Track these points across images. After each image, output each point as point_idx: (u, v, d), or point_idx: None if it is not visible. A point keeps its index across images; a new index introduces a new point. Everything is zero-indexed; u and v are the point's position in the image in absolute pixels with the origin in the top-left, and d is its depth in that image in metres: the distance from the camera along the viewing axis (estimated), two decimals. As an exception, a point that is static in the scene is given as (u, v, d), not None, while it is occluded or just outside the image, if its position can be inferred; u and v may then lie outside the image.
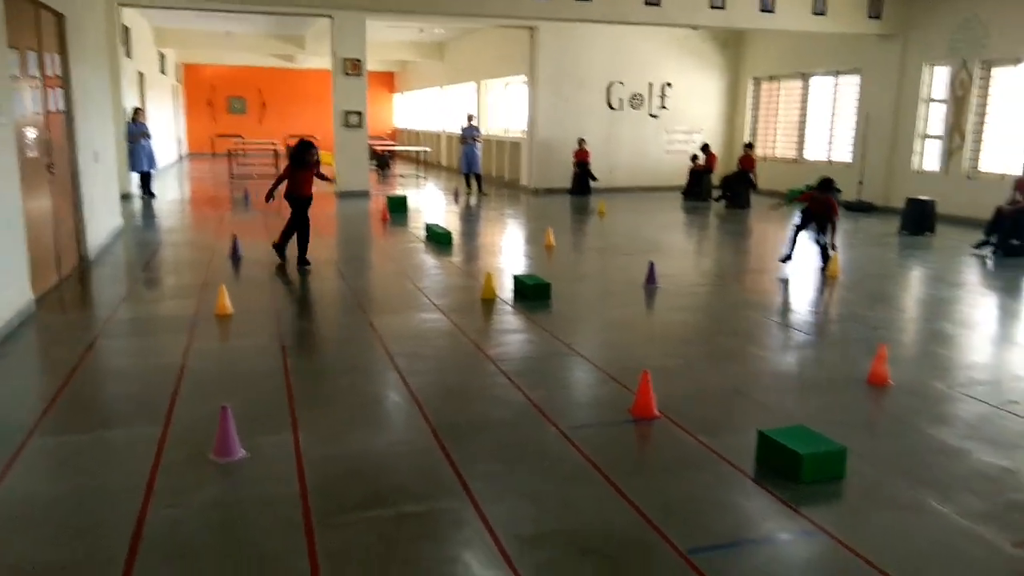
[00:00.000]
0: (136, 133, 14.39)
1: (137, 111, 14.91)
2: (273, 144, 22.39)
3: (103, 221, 9.38)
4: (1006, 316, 7.09)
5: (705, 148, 16.27)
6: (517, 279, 7.41)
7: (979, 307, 7.28)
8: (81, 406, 4.42)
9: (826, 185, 8.74)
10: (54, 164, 7.29)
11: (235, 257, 8.88)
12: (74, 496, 3.32)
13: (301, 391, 4.61)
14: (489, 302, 6.97)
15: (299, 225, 8.57)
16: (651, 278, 7.72)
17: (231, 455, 3.65)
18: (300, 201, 8.57)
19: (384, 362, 5.25)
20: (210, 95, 30.74)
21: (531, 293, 7.08)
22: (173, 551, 2.89)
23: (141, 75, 18.21)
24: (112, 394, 4.72)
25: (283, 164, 21.86)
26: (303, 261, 8.47)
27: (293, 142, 28.72)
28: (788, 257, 8.72)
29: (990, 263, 9.31)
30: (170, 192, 16.28)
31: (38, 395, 4.54)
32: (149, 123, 15.61)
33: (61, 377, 4.79)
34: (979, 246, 9.88)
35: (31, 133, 6.64)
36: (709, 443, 3.92)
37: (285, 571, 2.77)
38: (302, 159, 8.43)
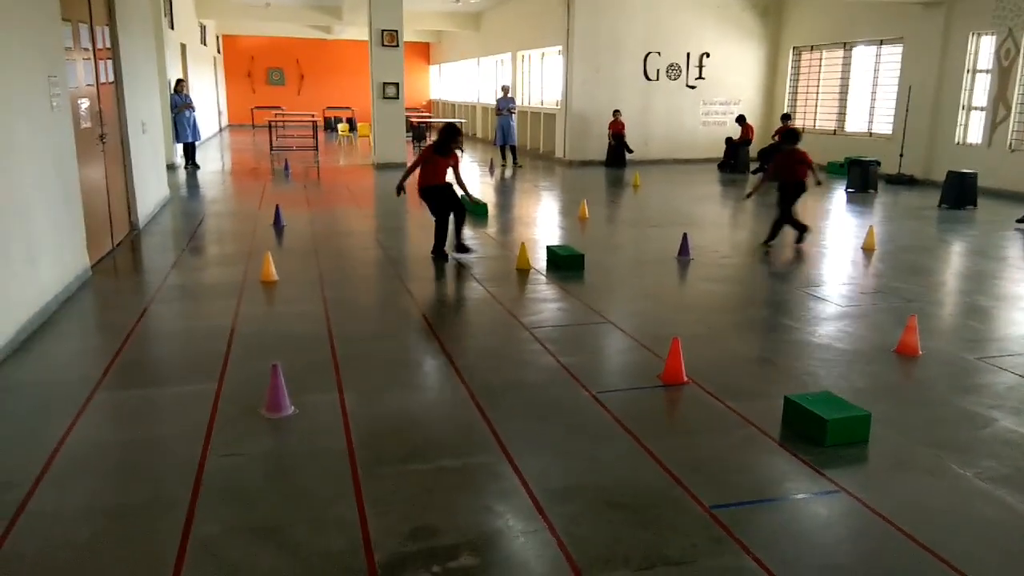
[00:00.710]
0: (180, 104, 14.71)
1: (180, 82, 15.21)
2: (312, 116, 22.64)
3: (151, 191, 9.70)
4: (1044, 290, 7.04)
5: (741, 119, 16.11)
6: (550, 250, 7.55)
7: (1018, 281, 7.23)
8: (139, 365, 4.69)
9: (793, 136, 8.58)
10: (106, 135, 7.57)
11: (278, 226, 9.14)
12: (138, 445, 3.58)
13: (345, 354, 4.83)
14: (523, 272, 7.12)
15: (446, 215, 7.59)
16: (684, 250, 7.80)
17: (281, 411, 3.87)
18: (436, 191, 7.57)
19: (422, 328, 5.44)
20: (249, 66, 31.08)
21: (564, 264, 7.22)
22: (231, 495, 3.13)
23: (183, 46, 18.52)
24: (168, 354, 4.99)
25: (322, 136, 22.11)
26: (461, 247, 7.66)
27: (332, 114, 29.02)
28: (771, 240, 8.31)
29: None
30: (212, 163, 16.64)
31: (99, 354, 4.83)
32: (191, 94, 15.93)
33: (119, 338, 5.07)
34: (1022, 220, 9.73)
35: (84, 104, 6.92)
36: (736, 407, 4.05)
37: (334, 515, 2.98)
38: (445, 146, 7.45)
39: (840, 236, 9.35)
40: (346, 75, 30.86)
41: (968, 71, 13.33)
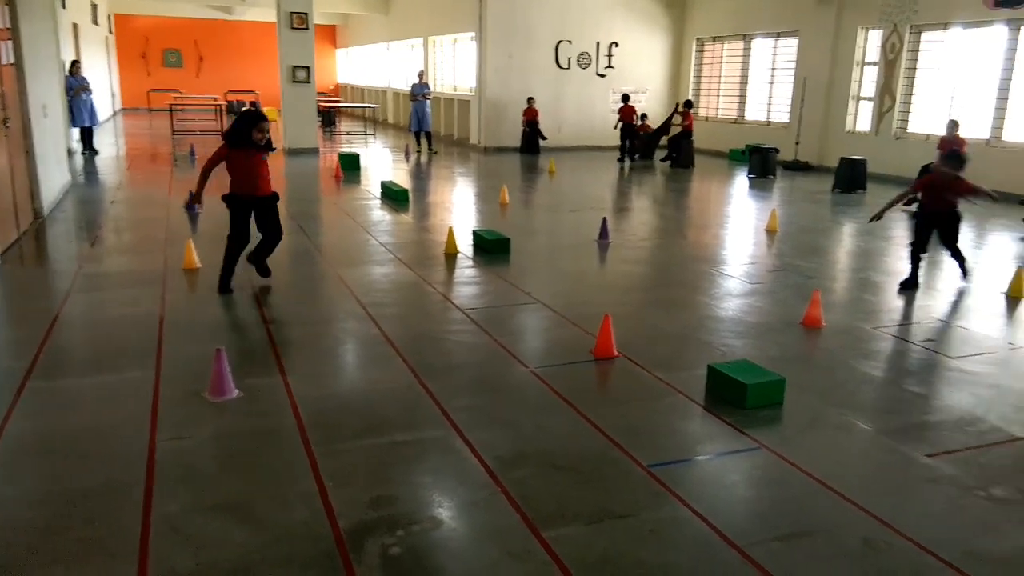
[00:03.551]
0: (76, 87, 14.00)
1: (75, 64, 14.48)
2: (215, 100, 21.89)
3: (54, 177, 9.27)
4: (928, 266, 7.71)
5: (688, 104, 15.95)
6: (476, 234, 7.71)
7: (904, 259, 7.88)
8: (69, 353, 4.59)
9: (955, 160, 6.26)
10: (8, 119, 7.21)
11: (192, 213, 8.92)
12: (82, 432, 3.55)
13: (282, 338, 4.86)
14: (451, 256, 7.26)
15: (244, 236, 5.88)
16: (604, 233, 8.11)
17: (226, 394, 3.90)
18: (248, 203, 5.79)
19: (358, 311, 5.51)
20: (144, 47, 29.68)
21: (490, 247, 7.40)
22: (187, 476, 3.16)
23: (75, 26, 17.57)
24: (98, 342, 4.87)
25: (225, 120, 21.37)
26: (262, 268, 6.14)
27: (235, 98, 28.01)
28: (913, 282, 6.41)
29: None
30: (110, 148, 15.90)
31: (23, 344, 4.67)
32: (86, 76, 15.16)
33: (43, 328, 4.92)
34: (908, 203, 10.53)
35: (-14, 87, 6.58)
36: (664, 378, 4.34)
37: (294, 490, 3.07)
38: (245, 135, 5.60)
39: (744, 219, 9.90)
40: (249, 57, 29.92)
41: (857, 63, 14.25)
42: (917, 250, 6.45)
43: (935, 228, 6.49)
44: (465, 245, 7.62)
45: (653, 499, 3.08)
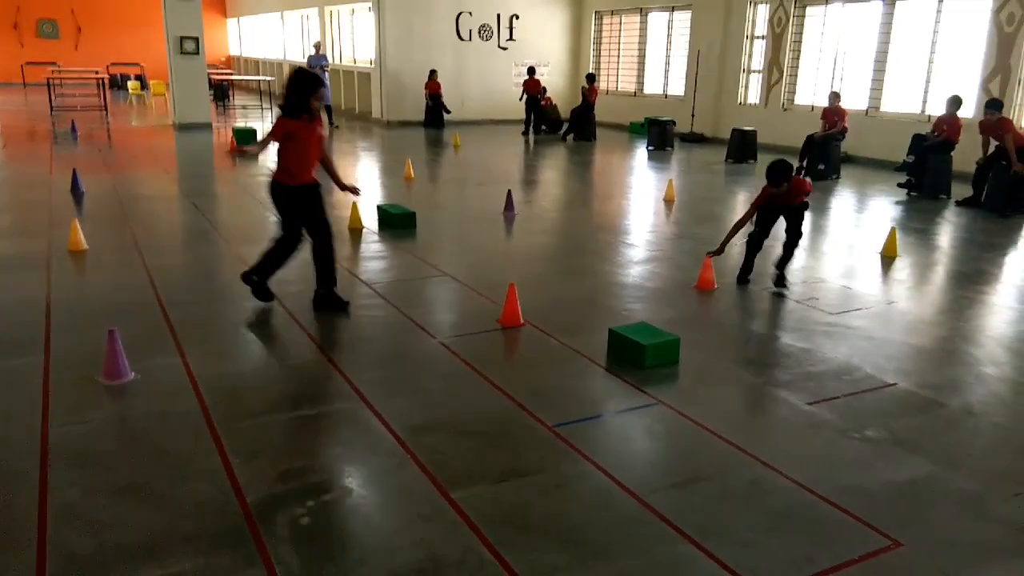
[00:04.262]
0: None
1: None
2: (97, 73, 20.63)
3: (-83, 156, 8.58)
4: (811, 231, 8.18)
5: (591, 77, 16.02)
6: (381, 208, 7.66)
7: (790, 223, 8.33)
8: (-55, 343, 4.32)
9: (779, 173, 5.65)
10: None
11: (77, 193, 8.47)
12: (-35, 423, 3.37)
13: (179, 319, 4.72)
14: (356, 231, 7.19)
15: (298, 235, 4.89)
16: (509, 206, 8.20)
17: (121, 377, 3.78)
18: (299, 194, 4.73)
19: (259, 289, 5.40)
20: (15, 17, 27.62)
21: (396, 222, 7.36)
22: (83, 461, 3.07)
23: (-67, -8, 16.16)
24: (-24, 330, 4.60)
25: (109, 95, 20.16)
26: (330, 299, 4.91)
27: (120, 71, 26.50)
28: (749, 270, 5.88)
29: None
30: (-18, 125, 14.81)
31: None
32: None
33: (-87, 316, 4.61)
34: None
35: None
36: (568, 343, 4.48)
37: (197, 468, 3.03)
38: (303, 104, 4.56)
39: (644, 190, 10.20)
40: (131, 28, 28.31)
41: (747, 37, 14.79)
42: (758, 239, 5.83)
43: (781, 216, 5.88)
44: (370, 220, 7.55)
45: (558, 456, 3.21)
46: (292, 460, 3.11)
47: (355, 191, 5.24)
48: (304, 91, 4.54)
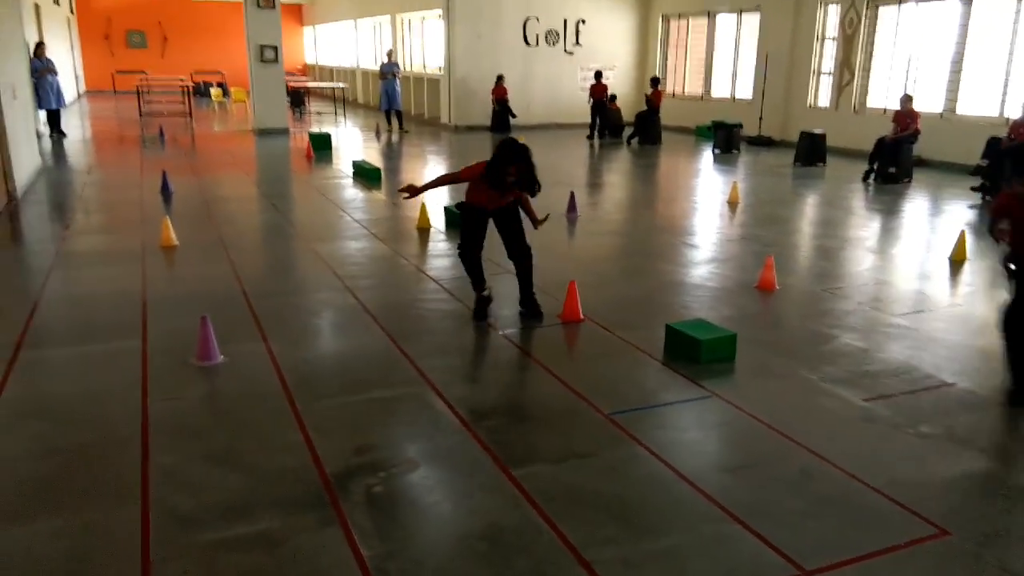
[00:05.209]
0: (41, 69, 13.88)
1: (40, 46, 14.34)
2: (182, 81, 21.70)
3: (25, 160, 9.29)
4: (880, 234, 8.09)
5: (655, 81, 16.13)
6: (448, 209, 7.92)
7: (858, 227, 8.26)
8: (57, 326, 4.76)
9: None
10: (-20, 100, 7.27)
11: (166, 193, 9.02)
12: (78, 396, 3.74)
13: (262, 309, 5.06)
14: (424, 231, 7.48)
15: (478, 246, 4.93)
16: (572, 207, 8.36)
17: (212, 359, 4.12)
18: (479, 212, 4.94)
19: (333, 282, 5.72)
20: (107, 28, 29.20)
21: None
22: (180, 432, 3.39)
23: (37, 7, 17.32)
24: (84, 316, 5.03)
25: (192, 102, 21.09)
26: (531, 309, 4.95)
27: (203, 78, 27.70)
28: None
29: (871, 189, 10.39)
30: (77, 131, 15.79)
31: (10, 318, 4.83)
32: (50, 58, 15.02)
33: (28, 303, 5.08)
34: (866, 178, 10.92)
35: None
36: (626, 337, 4.63)
37: (282, 441, 3.32)
38: (498, 177, 4.80)
39: (708, 192, 10.22)
40: (213, 37, 29.59)
41: (817, 39, 14.58)
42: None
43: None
44: (438, 220, 7.83)
45: (613, 442, 3.37)
46: (366, 436, 3.36)
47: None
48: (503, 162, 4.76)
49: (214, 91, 25.13)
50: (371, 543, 2.62)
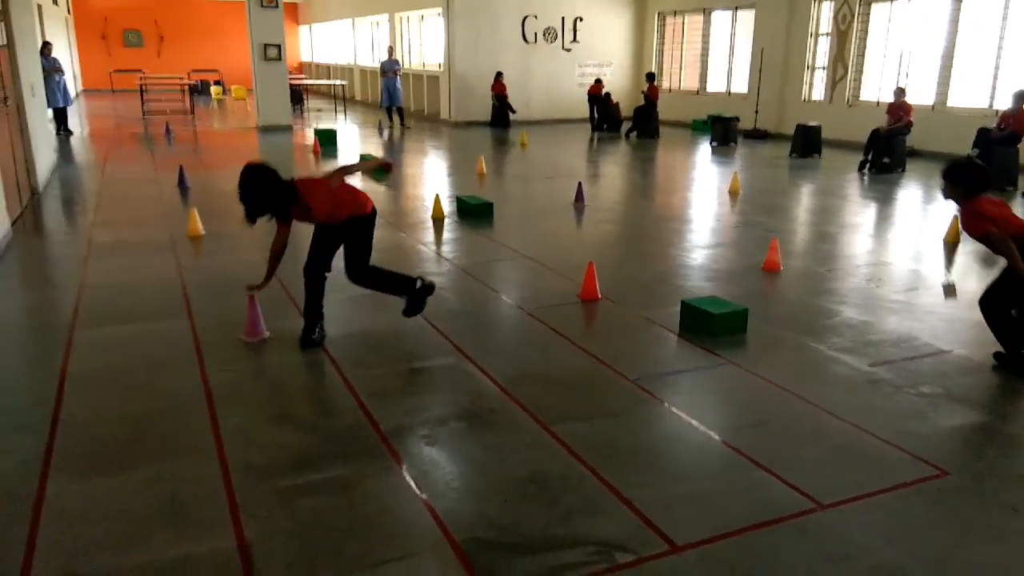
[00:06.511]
0: (48, 68, 14.06)
1: (46, 45, 14.52)
2: (182, 79, 21.88)
3: (44, 156, 9.52)
4: (876, 219, 8.42)
5: (650, 76, 16.42)
6: (460, 200, 8.20)
7: (855, 214, 8.58)
8: (105, 309, 5.00)
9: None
10: (7, 97, 7.49)
11: (183, 187, 9.27)
12: (138, 368, 4.01)
13: (298, 290, 5.31)
14: (439, 220, 7.75)
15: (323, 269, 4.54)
16: (580, 197, 8.66)
17: (260, 335, 4.39)
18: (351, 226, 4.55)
19: (360, 268, 5.99)
20: (103, 28, 29.32)
21: (474, 212, 7.90)
22: (241, 398, 3.66)
23: (39, 7, 17.48)
24: (128, 299, 5.28)
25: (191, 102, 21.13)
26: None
27: (200, 77, 27.86)
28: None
29: (866, 179, 10.71)
30: (80, 129, 15.98)
31: (59, 303, 5.09)
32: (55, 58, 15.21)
33: (72, 289, 5.33)
34: (861, 168, 11.25)
35: (-11, 66, 6.87)
36: (644, 314, 4.92)
37: (335, 405, 3.60)
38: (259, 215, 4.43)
39: (709, 183, 10.53)
40: (210, 36, 29.79)
41: (811, 34, 14.91)
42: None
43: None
44: (449, 211, 8.11)
45: (640, 403, 3.67)
46: (413, 400, 3.65)
47: None
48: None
49: (214, 89, 25.32)
50: (431, 486, 2.91)
